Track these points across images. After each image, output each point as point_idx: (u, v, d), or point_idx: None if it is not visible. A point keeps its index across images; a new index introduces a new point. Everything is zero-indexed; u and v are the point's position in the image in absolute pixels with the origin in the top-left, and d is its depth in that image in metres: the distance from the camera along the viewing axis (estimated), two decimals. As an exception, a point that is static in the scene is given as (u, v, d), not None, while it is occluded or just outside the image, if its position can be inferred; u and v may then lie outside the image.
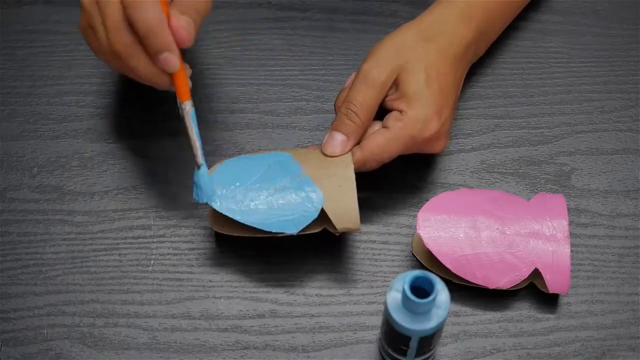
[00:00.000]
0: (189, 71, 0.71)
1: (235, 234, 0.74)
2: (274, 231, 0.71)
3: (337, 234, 0.74)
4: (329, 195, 0.72)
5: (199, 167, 0.71)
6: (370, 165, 0.74)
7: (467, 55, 0.79)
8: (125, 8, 0.66)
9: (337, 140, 0.74)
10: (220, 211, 0.71)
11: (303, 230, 0.71)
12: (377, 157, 0.74)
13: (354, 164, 0.73)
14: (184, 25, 0.67)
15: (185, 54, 0.69)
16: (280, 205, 0.71)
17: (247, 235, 0.73)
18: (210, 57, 0.87)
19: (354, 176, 0.72)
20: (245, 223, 0.71)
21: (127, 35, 0.67)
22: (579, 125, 0.84)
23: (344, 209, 0.71)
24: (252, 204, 0.72)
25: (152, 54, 0.67)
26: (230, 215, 0.71)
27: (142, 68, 0.68)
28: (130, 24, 0.66)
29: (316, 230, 0.73)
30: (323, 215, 0.72)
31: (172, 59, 0.67)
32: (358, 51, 0.87)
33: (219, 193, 0.72)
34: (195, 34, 0.68)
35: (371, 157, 0.73)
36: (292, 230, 0.71)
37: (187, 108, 0.70)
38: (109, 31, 0.67)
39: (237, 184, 0.72)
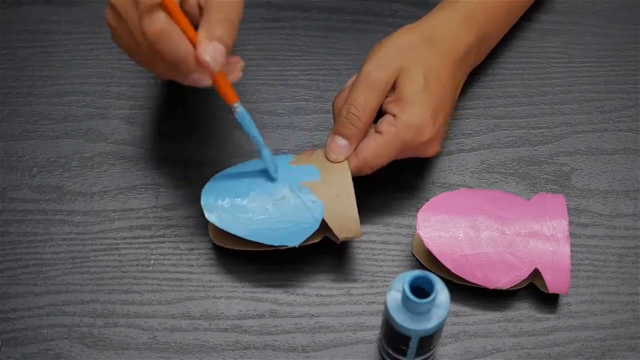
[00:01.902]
0: (241, 64, 0.70)
1: (237, 248, 0.74)
2: (276, 245, 0.71)
3: (339, 242, 0.74)
4: (329, 205, 0.71)
5: (260, 154, 0.72)
6: (365, 172, 0.74)
7: (467, 60, 0.79)
8: (149, 42, 0.65)
9: (340, 146, 0.73)
10: (221, 227, 0.71)
11: (304, 241, 0.71)
12: (370, 163, 0.73)
13: (350, 171, 0.73)
14: (209, 60, 0.65)
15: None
16: (280, 218, 0.71)
17: (249, 249, 0.73)
18: (210, 57, 0.87)
19: (352, 183, 0.72)
20: (247, 238, 0.71)
21: (164, 61, 0.67)
22: (579, 125, 0.84)
23: (345, 218, 0.71)
24: (253, 218, 0.71)
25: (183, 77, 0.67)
26: (231, 232, 0.71)
27: (189, 81, 0.68)
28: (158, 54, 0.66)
29: (317, 240, 0.73)
30: (323, 224, 0.72)
31: (202, 79, 0.67)
32: (358, 51, 0.87)
33: (218, 204, 0.72)
34: (231, 47, 0.67)
35: (365, 164, 0.73)
36: (294, 243, 0.71)
37: (236, 110, 0.70)
38: (145, 59, 0.67)
39: (236, 197, 0.72)
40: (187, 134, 0.82)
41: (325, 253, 0.77)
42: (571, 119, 0.84)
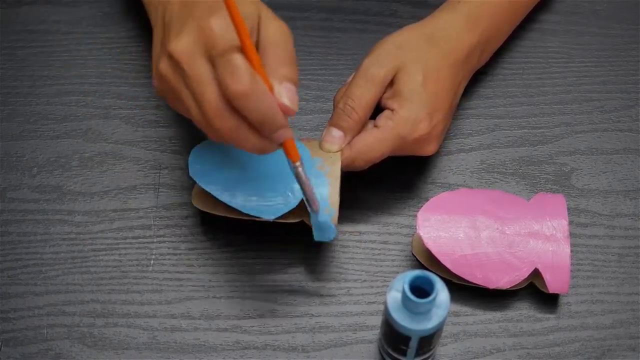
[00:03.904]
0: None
1: (214, 212, 0.74)
2: (251, 214, 0.71)
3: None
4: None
5: (315, 211, 0.70)
6: (359, 164, 0.74)
7: (469, 62, 0.79)
8: (230, 99, 0.61)
9: (335, 137, 0.74)
10: (204, 187, 0.72)
11: (280, 218, 0.72)
12: (364, 156, 0.73)
13: (342, 162, 0.73)
14: (288, 103, 0.62)
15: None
16: (261, 190, 0.72)
17: (225, 215, 0.74)
18: (210, 57, 0.87)
19: (339, 174, 0.72)
20: (224, 202, 0.72)
21: (232, 119, 0.62)
22: (579, 125, 0.84)
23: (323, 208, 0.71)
24: (235, 185, 0.72)
25: (265, 135, 0.64)
26: (212, 192, 0.72)
27: (250, 144, 0.64)
28: (239, 112, 0.62)
29: (294, 221, 0.73)
30: (303, 208, 0.72)
31: (286, 133, 0.64)
32: (358, 51, 0.87)
33: (204, 164, 0.73)
34: (297, 83, 0.64)
35: (359, 156, 0.73)
36: (269, 216, 0.71)
37: (299, 168, 0.67)
38: (210, 117, 0.62)
39: (224, 161, 0.73)
40: (188, 134, 0.82)
41: (325, 253, 0.77)
42: (571, 119, 0.84)
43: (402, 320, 0.64)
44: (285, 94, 0.63)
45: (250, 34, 0.63)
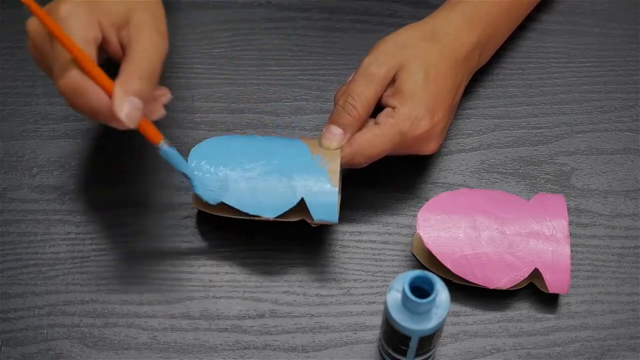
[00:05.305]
0: (165, 98, 0.69)
1: (215, 213, 0.74)
2: (251, 213, 0.71)
3: (314, 225, 0.74)
4: (311, 187, 0.72)
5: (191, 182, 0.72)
6: (359, 161, 0.74)
7: (469, 60, 0.79)
8: (64, 95, 0.65)
9: (334, 134, 0.74)
10: (198, 194, 0.71)
11: (281, 217, 0.72)
12: (364, 152, 0.73)
13: (342, 159, 0.73)
14: (124, 119, 0.64)
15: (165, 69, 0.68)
16: (261, 188, 0.72)
17: (226, 216, 0.74)
18: (210, 57, 0.87)
19: (339, 170, 0.72)
20: (224, 202, 0.71)
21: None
22: (579, 125, 0.84)
23: (324, 202, 0.71)
24: (234, 183, 0.72)
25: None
26: (205, 198, 0.71)
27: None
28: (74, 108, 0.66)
29: (294, 219, 0.73)
30: (303, 205, 0.72)
31: (120, 125, 0.65)
32: (358, 51, 0.87)
33: (204, 164, 0.72)
34: (150, 97, 0.66)
35: (359, 152, 0.73)
36: (269, 215, 0.71)
37: (164, 147, 0.69)
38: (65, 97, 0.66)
39: (222, 163, 0.73)
40: (188, 134, 0.82)
41: (325, 253, 0.77)
42: (571, 119, 0.84)
43: (402, 320, 0.64)
44: (125, 109, 0.64)
45: (119, 32, 0.67)
